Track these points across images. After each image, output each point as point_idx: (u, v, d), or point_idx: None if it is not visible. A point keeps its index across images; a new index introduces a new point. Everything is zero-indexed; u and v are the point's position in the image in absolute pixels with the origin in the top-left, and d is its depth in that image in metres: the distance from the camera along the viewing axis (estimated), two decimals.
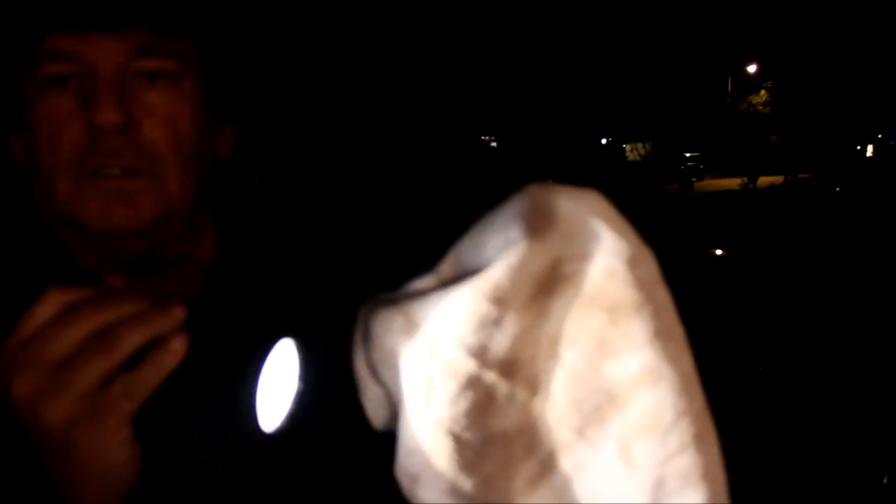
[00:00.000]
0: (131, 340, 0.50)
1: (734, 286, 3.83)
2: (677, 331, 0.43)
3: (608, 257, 0.42)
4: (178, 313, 0.52)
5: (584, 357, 0.41)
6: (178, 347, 0.50)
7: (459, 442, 0.41)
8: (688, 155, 36.33)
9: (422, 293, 0.43)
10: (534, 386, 0.41)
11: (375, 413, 0.49)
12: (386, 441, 0.47)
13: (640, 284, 0.42)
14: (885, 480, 2.56)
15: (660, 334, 0.41)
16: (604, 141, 36.71)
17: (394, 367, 0.45)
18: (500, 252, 0.41)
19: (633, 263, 0.42)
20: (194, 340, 0.52)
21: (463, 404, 0.41)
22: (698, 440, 0.41)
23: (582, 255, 0.41)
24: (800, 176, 27.79)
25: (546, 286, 0.41)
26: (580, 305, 0.41)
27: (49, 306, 0.52)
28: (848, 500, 2.55)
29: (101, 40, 0.70)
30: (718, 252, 4.43)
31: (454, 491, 0.41)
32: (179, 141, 0.73)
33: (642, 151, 40.04)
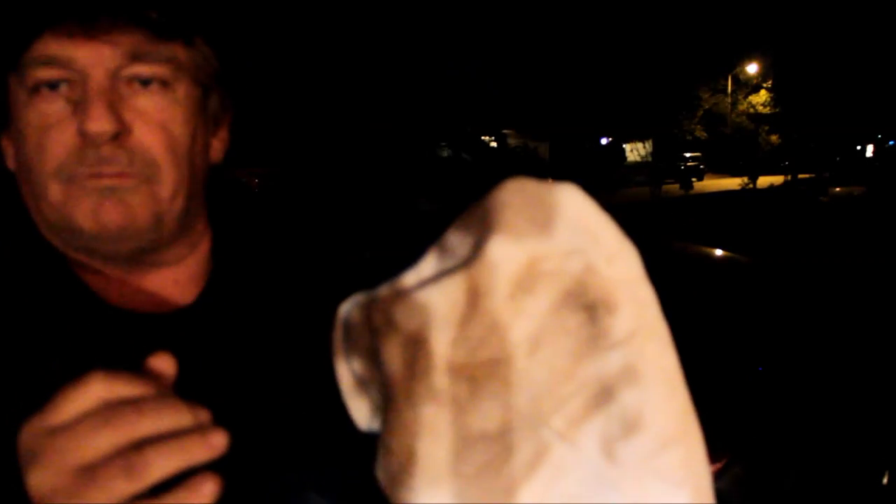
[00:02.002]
0: (162, 469, 0.46)
1: (734, 286, 3.82)
2: (660, 328, 0.42)
3: (588, 254, 0.41)
4: (219, 442, 0.48)
5: (565, 356, 0.40)
6: (208, 492, 0.47)
7: (440, 442, 0.40)
8: (688, 155, 36.43)
9: (400, 291, 0.43)
10: (513, 385, 0.40)
11: (359, 414, 0.48)
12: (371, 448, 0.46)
13: (621, 281, 0.41)
14: (885, 480, 2.55)
15: (641, 332, 0.41)
16: (604, 141, 36.72)
17: (374, 367, 0.44)
18: (478, 250, 0.40)
19: (613, 260, 0.41)
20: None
21: (443, 404, 0.40)
22: (681, 439, 0.40)
23: (561, 252, 0.41)
24: (800, 176, 27.87)
25: (524, 284, 0.40)
26: (560, 303, 0.41)
27: (89, 397, 0.48)
28: (848, 500, 2.55)
29: (93, 46, 0.68)
30: (718, 252, 4.42)
31: (434, 492, 0.40)
32: (173, 146, 0.72)
33: (642, 151, 40.10)
